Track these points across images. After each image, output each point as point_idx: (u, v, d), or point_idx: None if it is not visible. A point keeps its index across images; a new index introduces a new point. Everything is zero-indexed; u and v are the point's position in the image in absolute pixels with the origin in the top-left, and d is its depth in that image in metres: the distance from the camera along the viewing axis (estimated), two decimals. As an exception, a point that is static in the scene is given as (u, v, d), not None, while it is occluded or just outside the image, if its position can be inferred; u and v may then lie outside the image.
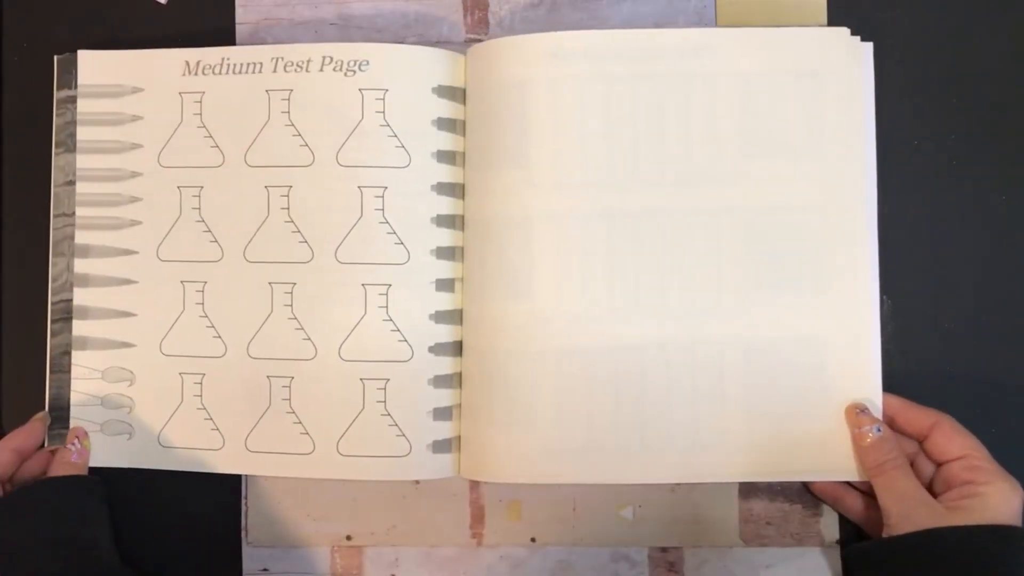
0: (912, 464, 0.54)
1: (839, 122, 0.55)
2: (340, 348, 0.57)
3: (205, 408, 0.58)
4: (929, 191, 0.58)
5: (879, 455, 0.52)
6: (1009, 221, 0.58)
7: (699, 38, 0.56)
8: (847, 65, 0.56)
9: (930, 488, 0.53)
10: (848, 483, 0.56)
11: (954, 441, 0.52)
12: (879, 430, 0.53)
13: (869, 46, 0.56)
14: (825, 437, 0.55)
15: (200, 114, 0.59)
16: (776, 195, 0.55)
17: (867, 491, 0.55)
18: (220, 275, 0.58)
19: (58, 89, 0.61)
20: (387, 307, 0.56)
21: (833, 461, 0.55)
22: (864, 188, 0.56)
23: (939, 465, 0.53)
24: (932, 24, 0.59)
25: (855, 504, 0.56)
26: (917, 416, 0.54)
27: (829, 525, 0.58)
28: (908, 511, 0.50)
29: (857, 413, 0.54)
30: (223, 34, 0.62)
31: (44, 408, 0.59)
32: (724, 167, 0.55)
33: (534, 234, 0.55)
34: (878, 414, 0.54)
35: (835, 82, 0.55)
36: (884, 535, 0.51)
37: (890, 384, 0.55)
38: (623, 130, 0.56)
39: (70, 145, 0.60)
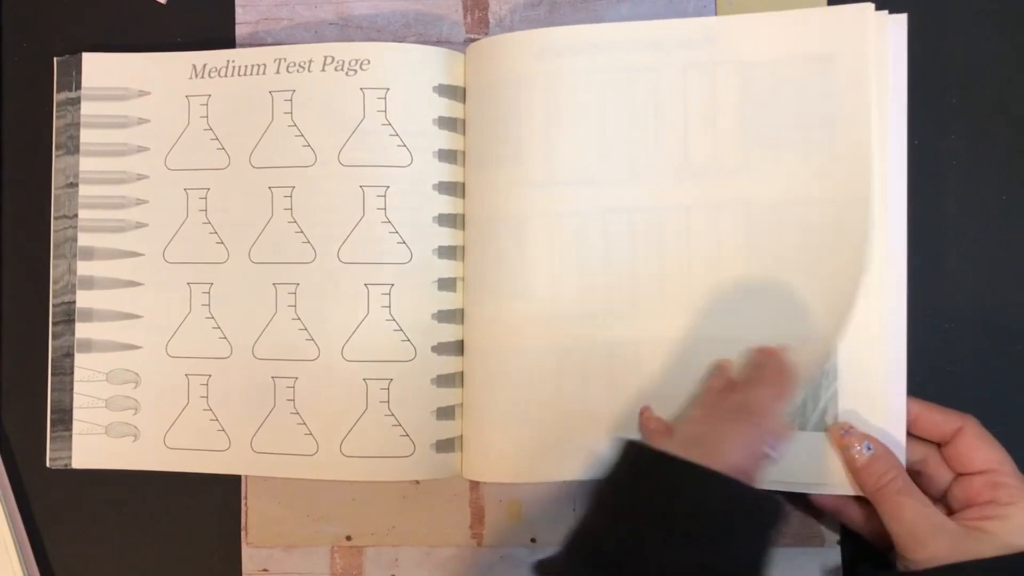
0: (922, 472, 0.51)
1: (854, 106, 0.52)
2: (343, 348, 0.56)
3: (211, 409, 0.58)
4: (929, 191, 0.59)
5: (875, 477, 0.49)
6: (1009, 221, 0.58)
7: (698, 28, 0.54)
8: (864, 44, 0.52)
9: (944, 497, 0.50)
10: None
11: (979, 453, 0.49)
12: (870, 448, 0.49)
13: (902, 18, 0.52)
14: (829, 448, 0.52)
15: (207, 117, 0.59)
16: (782, 188, 0.53)
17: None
18: (226, 276, 0.58)
19: (58, 91, 0.60)
20: (390, 307, 0.56)
21: (834, 473, 0.52)
22: (886, 179, 0.52)
23: (958, 475, 0.50)
24: (931, 24, 0.59)
25: (856, 515, 0.53)
26: (940, 420, 0.50)
27: (829, 525, 0.57)
28: (920, 537, 0.47)
29: (841, 435, 0.50)
30: (223, 35, 0.61)
31: (46, 410, 0.59)
32: (727, 160, 0.53)
33: (531, 232, 0.55)
34: (902, 418, 0.51)
35: (853, 64, 0.52)
36: (899, 563, 0.48)
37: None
38: (620, 125, 0.55)
39: (71, 147, 0.60)
